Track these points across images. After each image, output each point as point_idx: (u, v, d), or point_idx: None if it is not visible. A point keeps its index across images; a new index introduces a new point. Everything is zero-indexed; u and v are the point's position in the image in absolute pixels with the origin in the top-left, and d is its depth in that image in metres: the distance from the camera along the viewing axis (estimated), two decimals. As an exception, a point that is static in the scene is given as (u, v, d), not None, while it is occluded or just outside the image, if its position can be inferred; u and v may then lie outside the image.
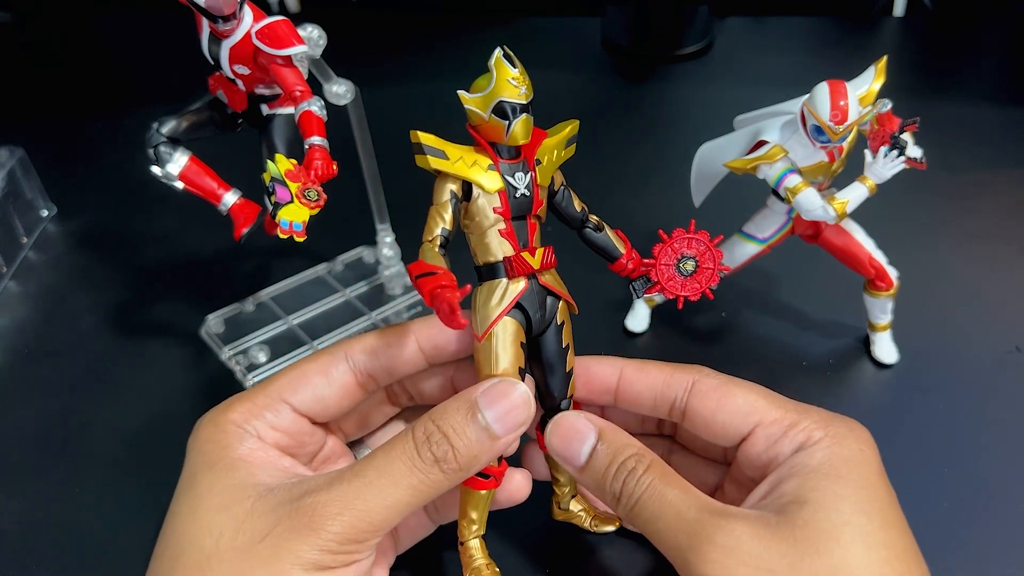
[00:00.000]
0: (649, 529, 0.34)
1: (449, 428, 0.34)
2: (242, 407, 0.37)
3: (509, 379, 0.35)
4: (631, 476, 0.35)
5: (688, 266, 0.39)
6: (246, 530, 0.32)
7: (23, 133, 0.72)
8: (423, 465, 0.33)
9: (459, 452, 0.34)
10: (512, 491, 0.41)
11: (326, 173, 0.41)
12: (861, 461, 0.34)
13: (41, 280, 0.65)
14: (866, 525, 0.32)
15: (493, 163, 0.36)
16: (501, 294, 0.36)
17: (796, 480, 0.33)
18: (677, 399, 0.38)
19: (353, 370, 0.38)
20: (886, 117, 0.45)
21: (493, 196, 0.36)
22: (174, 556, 0.33)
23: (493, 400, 0.34)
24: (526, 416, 0.35)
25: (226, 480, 0.34)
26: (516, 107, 0.34)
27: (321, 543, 0.32)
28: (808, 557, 0.31)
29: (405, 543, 0.42)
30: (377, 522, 0.33)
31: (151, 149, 0.46)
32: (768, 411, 0.36)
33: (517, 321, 0.36)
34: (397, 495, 0.33)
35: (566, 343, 0.38)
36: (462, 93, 0.35)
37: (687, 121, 0.82)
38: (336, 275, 0.61)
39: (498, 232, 0.36)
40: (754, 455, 0.36)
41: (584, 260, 0.42)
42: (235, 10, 0.41)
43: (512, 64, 0.34)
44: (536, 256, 0.36)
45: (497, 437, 0.34)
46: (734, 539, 0.31)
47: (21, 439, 0.52)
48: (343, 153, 0.44)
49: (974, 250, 0.62)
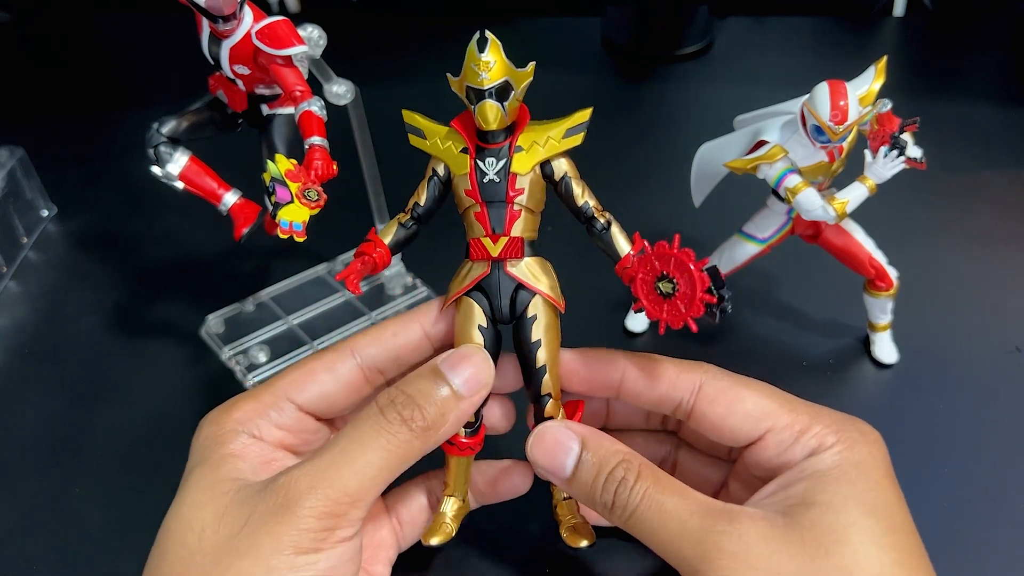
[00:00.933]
0: (651, 540, 0.33)
1: (414, 391, 0.35)
2: (246, 405, 0.37)
3: (470, 344, 0.37)
4: (622, 486, 0.34)
5: (667, 287, 0.34)
6: (226, 523, 0.32)
7: (23, 133, 0.72)
8: (390, 426, 0.34)
9: (426, 411, 0.34)
10: (515, 484, 0.41)
11: (326, 173, 0.41)
12: (871, 464, 0.34)
13: (41, 280, 0.65)
14: (875, 527, 0.31)
15: (468, 146, 0.37)
16: (465, 273, 0.38)
17: (805, 483, 0.33)
18: (684, 401, 0.37)
19: (360, 365, 0.38)
20: (886, 117, 0.45)
21: (463, 178, 0.37)
22: (161, 555, 0.33)
23: (454, 364, 0.36)
24: (487, 375, 0.36)
25: (211, 476, 0.34)
26: (480, 92, 0.35)
27: (298, 522, 0.31)
28: (819, 559, 0.30)
29: (409, 537, 0.42)
30: (352, 490, 0.32)
31: (151, 149, 0.46)
32: (779, 416, 0.35)
33: (477, 304, 0.37)
34: (367, 458, 0.33)
35: (537, 338, 0.37)
36: (449, 76, 0.36)
37: (687, 121, 0.82)
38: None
39: (473, 214, 0.37)
40: (764, 459, 0.36)
41: (587, 258, 0.42)
42: (235, 10, 0.41)
43: (481, 49, 0.34)
44: (498, 243, 0.37)
45: (462, 396, 0.35)
46: (742, 544, 0.31)
47: (21, 439, 0.52)
48: (343, 153, 0.44)
49: (974, 250, 0.62)
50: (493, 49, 0.34)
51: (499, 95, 0.35)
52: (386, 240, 0.38)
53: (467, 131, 0.37)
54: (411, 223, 0.39)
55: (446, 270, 0.40)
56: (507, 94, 0.35)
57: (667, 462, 0.43)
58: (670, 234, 0.36)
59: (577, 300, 0.39)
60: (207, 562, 0.31)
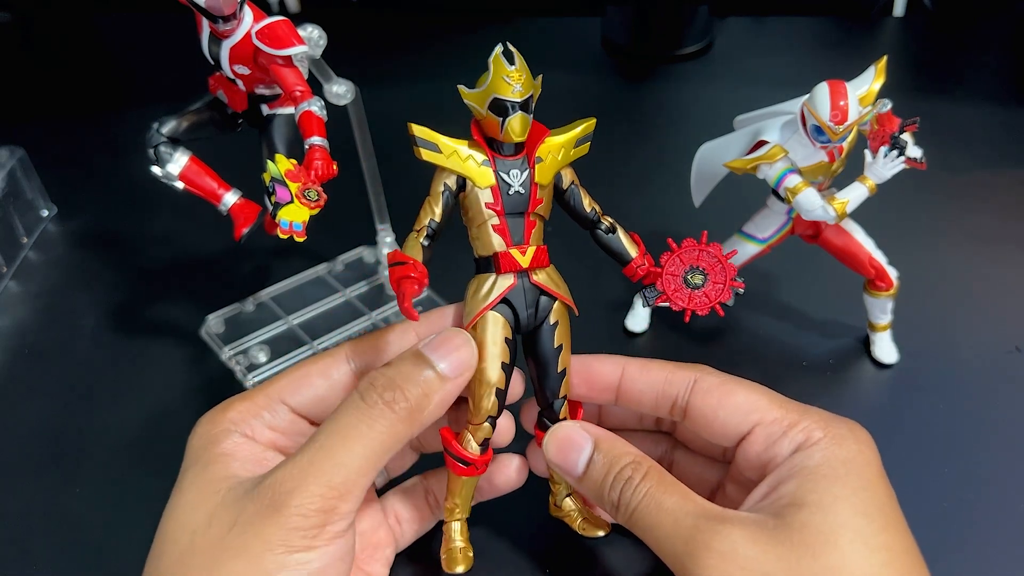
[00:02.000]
0: (648, 537, 0.34)
1: (395, 373, 0.35)
2: (241, 406, 0.37)
3: (451, 328, 0.37)
4: (628, 485, 0.35)
5: (697, 279, 0.38)
6: (216, 523, 0.32)
7: (23, 133, 0.72)
8: (371, 411, 0.34)
9: (408, 393, 0.34)
10: (509, 476, 0.41)
11: (326, 173, 0.41)
12: (861, 462, 0.34)
13: (41, 280, 0.65)
14: (865, 527, 0.32)
15: (488, 159, 0.36)
16: (489, 288, 0.37)
17: (794, 482, 0.33)
18: (679, 397, 0.38)
19: (355, 371, 0.38)
20: (886, 117, 0.45)
21: (485, 191, 0.37)
22: (157, 556, 0.33)
23: (437, 346, 0.36)
24: (470, 356, 0.36)
25: (202, 476, 0.34)
26: (511, 104, 0.35)
27: (287, 522, 0.31)
28: (806, 560, 0.30)
29: (407, 536, 0.42)
30: (337, 483, 0.32)
31: (151, 149, 0.46)
32: (769, 410, 0.36)
33: (504, 317, 0.37)
34: (349, 449, 0.33)
35: (559, 343, 0.38)
36: (462, 88, 0.36)
37: (687, 121, 0.82)
38: (336, 275, 0.61)
39: (492, 227, 0.37)
40: (753, 455, 0.36)
41: (585, 260, 0.42)
42: (235, 10, 0.41)
43: (510, 61, 0.34)
44: (527, 254, 0.37)
45: (447, 377, 0.35)
46: (730, 544, 0.31)
47: (21, 439, 0.51)
48: (343, 153, 0.44)
49: (974, 250, 0.62)
50: (520, 61, 0.35)
51: (525, 107, 0.35)
52: (420, 255, 0.37)
53: (483, 143, 0.37)
54: (428, 241, 0.37)
55: (446, 270, 0.40)
56: (529, 106, 0.35)
57: (663, 462, 0.43)
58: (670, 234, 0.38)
59: (576, 301, 0.39)
60: (199, 562, 0.31)
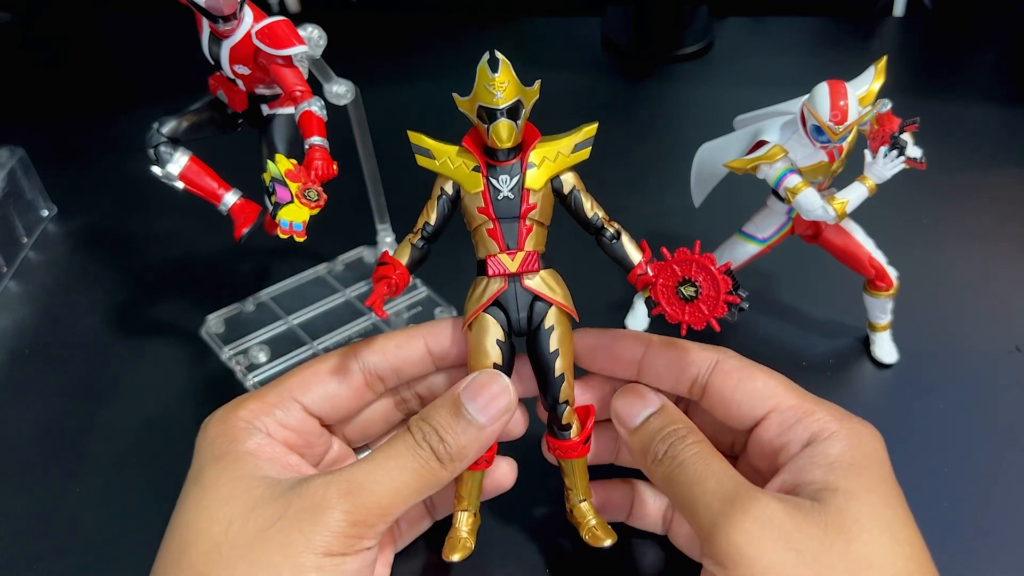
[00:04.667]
0: (684, 492, 0.35)
1: (437, 424, 0.36)
2: (252, 404, 0.37)
3: (488, 371, 0.37)
4: (680, 440, 0.36)
5: (689, 291, 0.36)
6: (256, 518, 0.32)
7: (23, 133, 0.72)
8: (424, 453, 0.35)
9: (449, 445, 0.35)
10: (498, 479, 0.41)
11: (326, 173, 0.41)
12: (878, 459, 0.35)
13: (41, 280, 0.65)
14: (892, 519, 0.32)
15: (479, 164, 0.37)
16: (482, 291, 0.38)
17: (820, 470, 0.34)
18: (699, 375, 0.38)
19: (362, 370, 0.39)
20: (886, 117, 0.45)
21: (476, 196, 0.37)
22: (180, 548, 0.33)
23: (475, 394, 0.36)
24: (507, 403, 0.37)
25: (233, 471, 0.34)
26: (494, 112, 0.35)
27: (332, 525, 0.32)
28: (838, 544, 0.31)
29: (406, 537, 0.42)
30: (385, 504, 0.33)
31: (151, 149, 0.46)
32: (786, 397, 0.37)
33: (496, 320, 0.38)
34: (403, 478, 0.34)
35: (555, 348, 0.38)
36: (455, 96, 0.36)
37: (687, 121, 0.82)
38: (336, 275, 0.61)
39: (485, 231, 0.38)
40: (766, 440, 0.37)
41: (585, 260, 0.42)
42: (235, 10, 0.41)
43: (494, 69, 0.35)
44: (515, 259, 0.37)
45: (484, 427, 0.36)
46: (769, 513, 0.32)
47: (21, 439, 0.52)
48: (343, 153, 0.44)
49: (974, 250, 0.62)
50: (505, 69, 0.35)
51: (512, 113, 0.35)
52: (403, 262, 0.38)
53: (476, 149, 0.37)
54: (422, 243, 0.39)
55: (445, 270, 0.40)
56: (519, 112, 0.36)
57: None
58: (671, 234, 0.37)
59: (577, 302, 0.39)
60: (234, 554, 0.32)
